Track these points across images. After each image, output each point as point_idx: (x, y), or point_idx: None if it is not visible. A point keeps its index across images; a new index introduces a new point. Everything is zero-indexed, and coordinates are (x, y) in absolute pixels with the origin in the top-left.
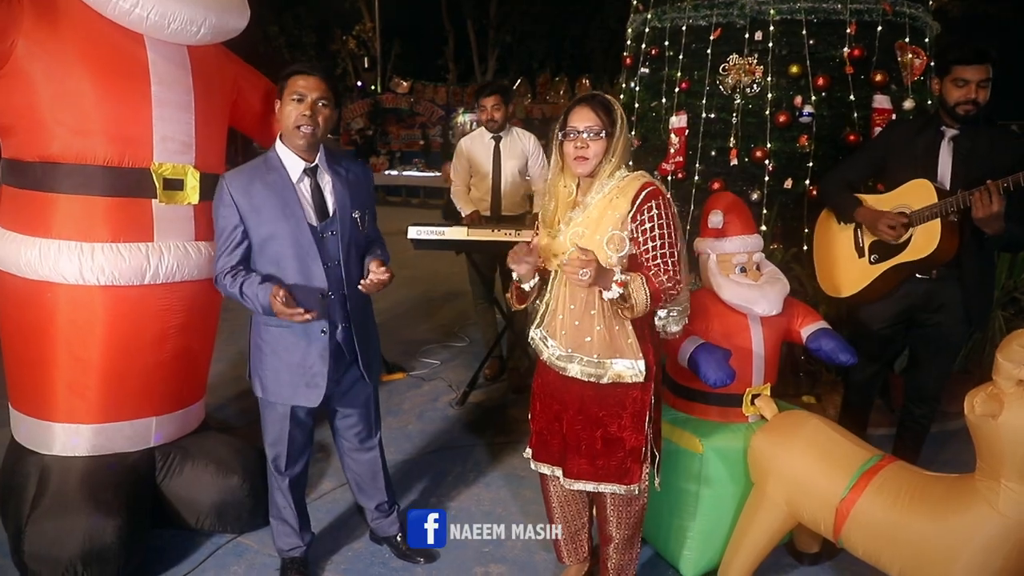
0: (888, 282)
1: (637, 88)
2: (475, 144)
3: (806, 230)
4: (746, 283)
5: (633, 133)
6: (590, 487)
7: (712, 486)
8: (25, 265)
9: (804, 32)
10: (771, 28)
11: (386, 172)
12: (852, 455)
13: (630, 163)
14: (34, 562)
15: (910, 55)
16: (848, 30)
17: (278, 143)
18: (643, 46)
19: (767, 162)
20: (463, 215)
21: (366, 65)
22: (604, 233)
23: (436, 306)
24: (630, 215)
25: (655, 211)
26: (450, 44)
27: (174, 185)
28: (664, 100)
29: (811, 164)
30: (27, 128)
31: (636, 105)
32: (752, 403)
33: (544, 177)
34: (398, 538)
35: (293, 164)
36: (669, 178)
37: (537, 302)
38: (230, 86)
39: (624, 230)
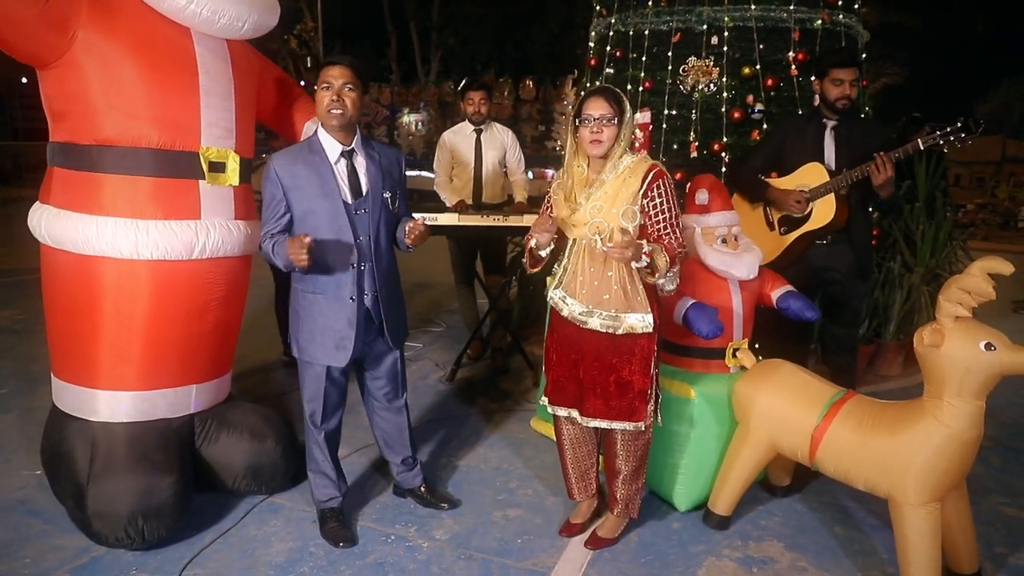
0: (796, 248)
1: None
2: (457, 137)
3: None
4: (727, 252)
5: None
6: (604, 424)
7: (701, 428)
8: (83, 242)
9: (755, 38)
10: (726, 34)
11: None
12: (820, 392)
13: (635, 145)
14: (98, 519)
15: None
16: (793, 36)
17: (320, 129)
18: (608, 48)
19: (723, 154)
20: (448, 204)
21: (308, 65)
22: (619, 207)
23: (409, 296)
24: (641, 192)
25: (661, 188)
26: (392, 45)
27: (217, 168)
28: (629, 98)
29: None
30: (81, 114)
31: None
32: (734, 356)
33: (521, 168)
34: (422, 488)
35: (332, 147)
36: None
37: (555, 267)
38: (257, 78)
39: (635, 204)
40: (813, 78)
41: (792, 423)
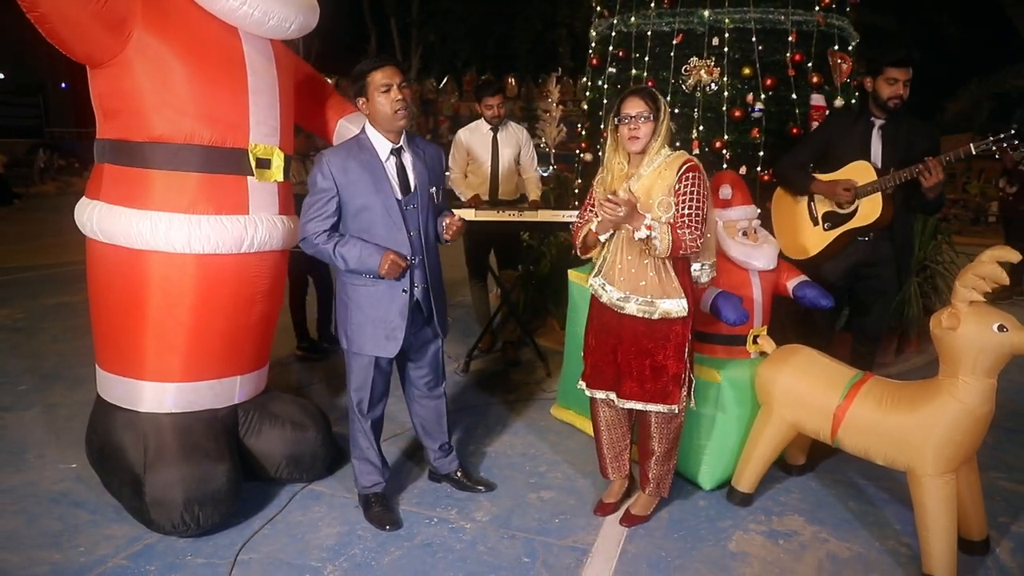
0: (838, 244)
1: (605, 86)
2: (474, 136)
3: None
4: (748, 244)
5: (603, 127)
6: (639, 406)
7: (725, 410)
8: (136, 236)
9: (754, 39)
10: (726, 35)
11: None
12: (840, 373)
13: (677, 144)
14: (156, 506)
15: (839, 60)
16: (790, 38)
17: (368, 127)
18: (610, 48)
19: (724, 151)
20: (463, 199)
21: None
22: (655, 199)
23: None
24: (674, 185)
25: (690, 182)
26: (372, 42)
27: (264, 164)
28: None
29: (762, 153)
30: (134, 111)
31: (604, 102)
32: (754, 342)
33: (533, 165)
34: (458, 473)
35: (382, 145)
36: None
37: (596, 256)
38: (293, 76)
39: (671, 196)
40: (866, 76)
41: (814, 403)
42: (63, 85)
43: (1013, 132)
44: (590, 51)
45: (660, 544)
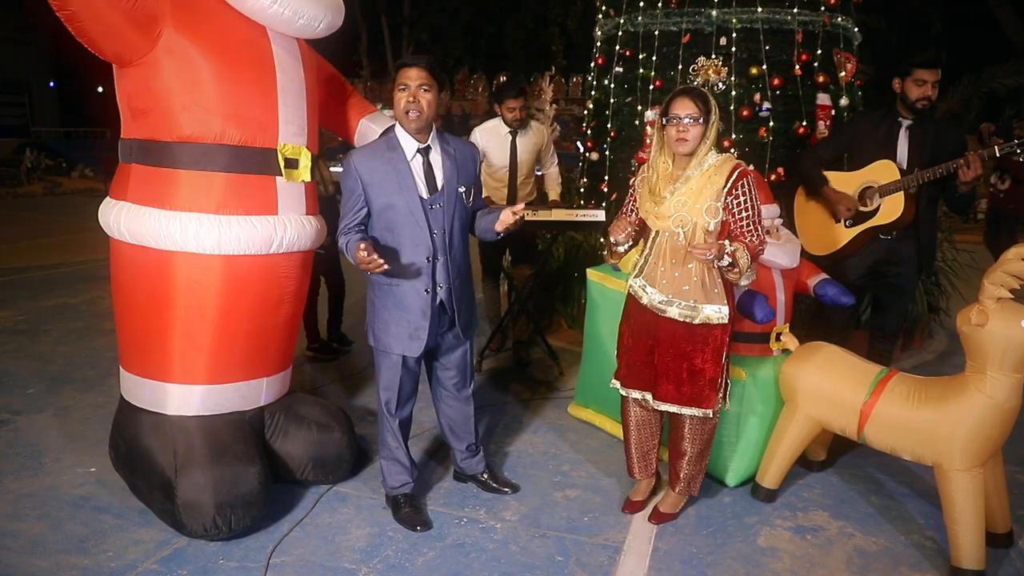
0: (859, 241)
1: (612, 85)
2: (491, 138)
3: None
4: (772, 243)
5: (609, 126)
6: (674, 409)
7: (750, 408)
8: (166, 237)
9: (761, 39)
10: (734, 35)
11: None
12: (865, 370)
13: (731, 151)
14: (188, 510)
15: (844, 60)
16: (797, 38)
17: (396, 126)
18: (616, 47)
19: (732, 151)
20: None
21: None
22: (703, 203)
23: None
24: (725, 190)
25: (746, 187)
26: (363, 41)
27: (292, 164)
28: (639, 95)
29: (769, 152)
30: (164, 111)
31: (611, 101)
32: (777, 339)
33: (554, 162)
34: (484, 475)
35: (408, 144)
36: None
37: (637, 256)
38: (316, 75)
39: (719, 201)
40: (894, 77)
41: (840, 400)
42: (51, 84)
43: None
44: (594, 50)
45: (690, 541)
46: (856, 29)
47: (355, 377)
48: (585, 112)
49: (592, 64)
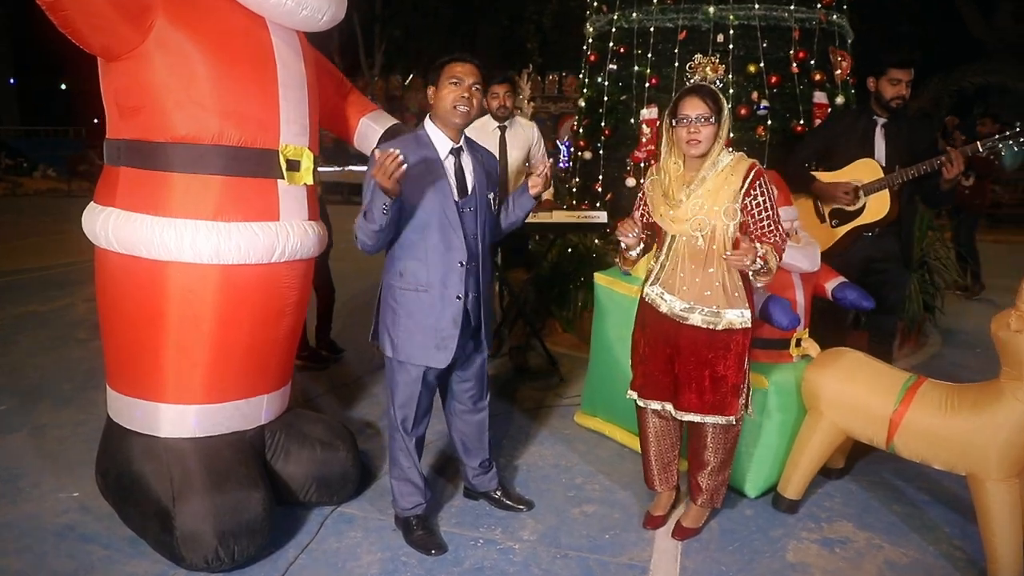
0: (845, 241)
1: (606, 83)
2: (480, 135)
3: None
4: (792, 246)
5: (603, 124)
6: (696, 418)
7: (771, 416)
8: (160, 246)
9: (759, 36)
10: (731, 32)
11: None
12: (893, 377)
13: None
14: (189, 541)
15: (839, 58)
16: (794, 35)
17: (428, 123)
18: (610, 44)
19: (730, 149)
20: None
21: None
22: (721, 204)
23: None
24: (743, 191)
25: (763, 187)
26: (335, 37)
27: (294, 166)
28: (634, 93)
29: (767, 150)
30: (156, 109)
31: (605, 98)
32: (797, 345)
33: (546, 162)
34: (497, 492)
35: (442, 143)
36: (642, 165)
37: (652, 263)
38: (316, 72)
39: (736, 202)
40: (869, 76)
41: (867, 409)
42: (10, 81)
43: (1019, 129)
44: (586, 47)
45: (717, 558)
46: (849, 27)
47: (348, 387)
48: (576, 110)
49: (584, 61)
